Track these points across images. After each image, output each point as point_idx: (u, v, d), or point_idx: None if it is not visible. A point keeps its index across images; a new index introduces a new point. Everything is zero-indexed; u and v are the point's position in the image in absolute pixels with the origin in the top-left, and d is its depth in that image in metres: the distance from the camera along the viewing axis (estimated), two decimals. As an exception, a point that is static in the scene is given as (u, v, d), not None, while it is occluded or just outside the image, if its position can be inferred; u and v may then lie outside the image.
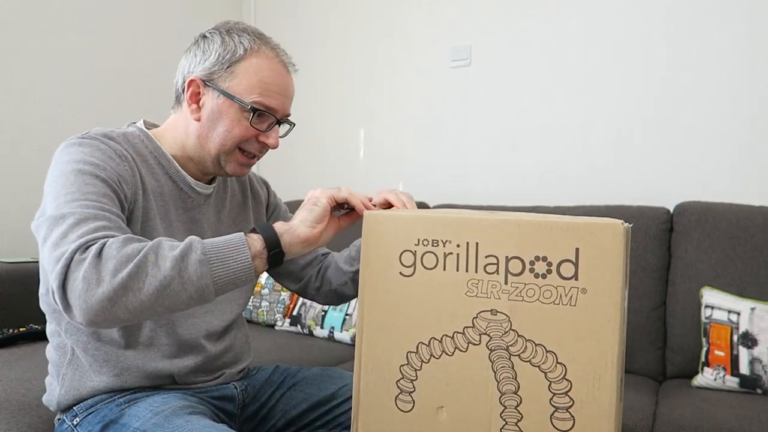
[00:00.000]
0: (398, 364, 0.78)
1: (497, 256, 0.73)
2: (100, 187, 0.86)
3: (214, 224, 1.09)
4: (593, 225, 0.70)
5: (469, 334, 0.74)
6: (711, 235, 1.70)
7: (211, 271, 0.78)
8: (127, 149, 0.96)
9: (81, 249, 0.76)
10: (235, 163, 1.02)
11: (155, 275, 0.75)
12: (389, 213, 0.81)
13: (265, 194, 1.23)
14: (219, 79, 0.98)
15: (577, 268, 0.70)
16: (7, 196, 2.08)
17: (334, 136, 2.69)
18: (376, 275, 0.79)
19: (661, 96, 1.99)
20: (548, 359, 0.71)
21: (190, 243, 0.79)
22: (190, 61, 1.01)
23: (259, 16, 2.90)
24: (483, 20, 2.32)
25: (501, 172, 2.29)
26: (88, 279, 0.74)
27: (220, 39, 0.99)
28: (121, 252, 0.75)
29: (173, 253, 0.77)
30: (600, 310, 0.69)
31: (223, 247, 0.80)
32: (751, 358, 1.45)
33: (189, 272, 0.77)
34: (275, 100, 0.99)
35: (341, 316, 1.97)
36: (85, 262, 0.74)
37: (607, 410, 0.69)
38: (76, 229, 0.79)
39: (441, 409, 0.75)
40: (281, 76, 1.00)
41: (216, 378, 1.06)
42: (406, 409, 0.77)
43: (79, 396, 0.96)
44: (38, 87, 2.18)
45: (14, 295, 1.75)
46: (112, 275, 0.74)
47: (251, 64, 0.98)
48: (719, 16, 1.90)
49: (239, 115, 0.98)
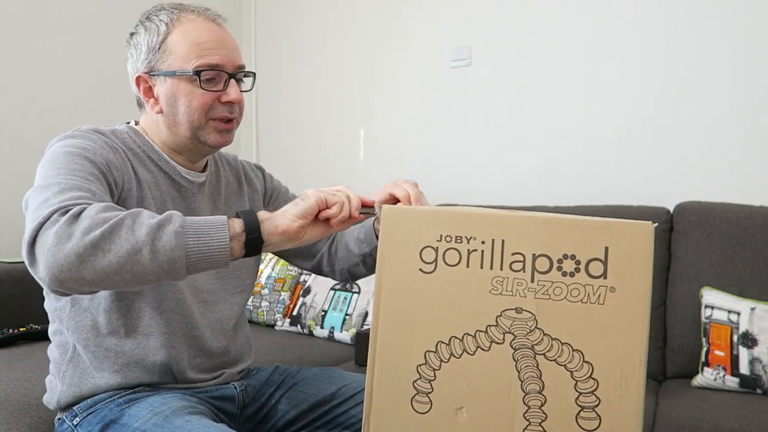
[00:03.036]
0: (416, 364, 0.76)
1: (524, 253, 0.72)
2: (87, 167, 0.88)
3: (211, 213, 1.09)
4: (624, 225, 0.70)
5: (493, 333, 0.73)
6: (711, 235, 1.70)
7: (186, 243, 0.76)
8: (117, 143, 0.98)
9: (60, 211, 0.76)
10: (213, 132, 1.01)
11: (128, 239, 0.74)
12: (409, 208, 0.79)
13: (260, 180, 1.22)
14: (158, 63, 0.99)
15: (606, 267, 0.70)
16: (7, 196, 2.08)
17: (334, 136, 2.69)
18: (394, 272, 0.77)
19: (661, 96, 1.99)
20: (574, 358, 0.71)
21: (170, 215, 0.78)
22: (131, 62, 1.03)
23: (259, 16, 2.90)
24: (483, 20, 2.32)
25: (501, 172, 2.29)
26: (59, 234, 0.73)
27: (143, 28, 1.01)
28: (99, 214, 0.75)
29: (151, 221, 0.76)
30: (628, 308, 0.69)
31: (203, 225, 0.79)
32: (751, 358, 1.45)
33: (163, 241, 0.75)
34: (216, 56, 0.98)
35: (341, 316, 1.97)
36: (60, 220, 0.74)
37: (635, 409, 0.69)
38: (58, 195, 0.79)
39: (460, 410, 0.74)
40: (211, 31, 1.00)
41: (216, 378, 1.06)
42: (423, 410, 0.75)
43: (80, 394, 0.97)
44: (38, 87, 2.17)
45: (14, 295, 1.75)
46: (84, 233, 0.73)
47: (178, 34, 0.98)
48: (719, 15, 1.90)
49: (190, 87, 0.98)
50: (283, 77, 2.81)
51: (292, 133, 2.80)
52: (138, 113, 1.08)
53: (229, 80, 1.00)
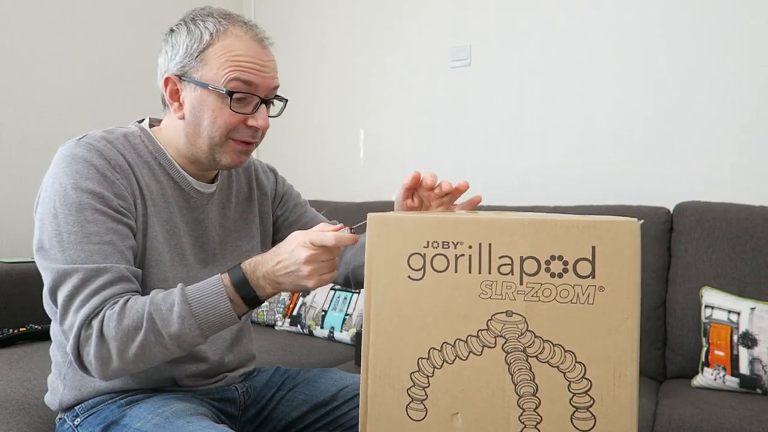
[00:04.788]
0: (409, 371, 0.75)
1: (511, 256, 0.72)
2: (101, 224, 0.87)
3: (219, 222, 1.08)
4: (610, 223, 0.70)
5: (484, 337, 0.73)
6: (711, 235, 1.70)
7: (203, 334, 0.87)
8: (125, 154, 0.95)
9: (85, 325, 0.84)
10: (230, 153, 0.98)
11: (158, 352, 0.86)
12: (395, 215, 0.78)
13: (271, 184, 1.20)
14: (192, 70, 0.94)
15: (594, 267, 0.70)
16: (6, 196, 2.08)
17: (334, 136, 2.69)
18: (383, 280, 0.76)
19: (661, 96, 1.99)
20: (567, 359, 0.71)
21: (181, 319, 0.85)
22: (164, 58, 0.98)
23: (259, 16, 2.89)
24: (483, 20, 2.32)
25: (501, 172, 2.29)
26: (99, 358, 0.84)
27: (185, 29, 0.96)
28: (119, 331, 0.83)
29: (170, 332, 0.85)
30: (618, 307, 0.69)
31: (211, 311, 0.87)
32: (751, 358, 1.45)
33: (188, 343, 0.87)
34: (252, 77, 0.95)
35: (341, 316, 1.97)
36: (91, 339, 0.84)
37: (629, 407, 0.69)
38: (79, 293, 0.85)
39: (456, 416, 0.74)
40: (254, 51, 0.96)
41: (217, 381, 1.06)
42: (418, 417, 0.75)
43: (81, 396, 0.97)
44: (38, 87, 2.18)
45: (14, 295, 1.75)
46: (118, 355, 0.84)
47: (220, 47, 0.94)
48: (719, 15, 1.90)
49: (219, 103, 0.94)
50: (283, 77, 2.79)
51: (292, 133, 2.80)
52: (156, 109, 1.05)
53: (260, 105, 0.98)
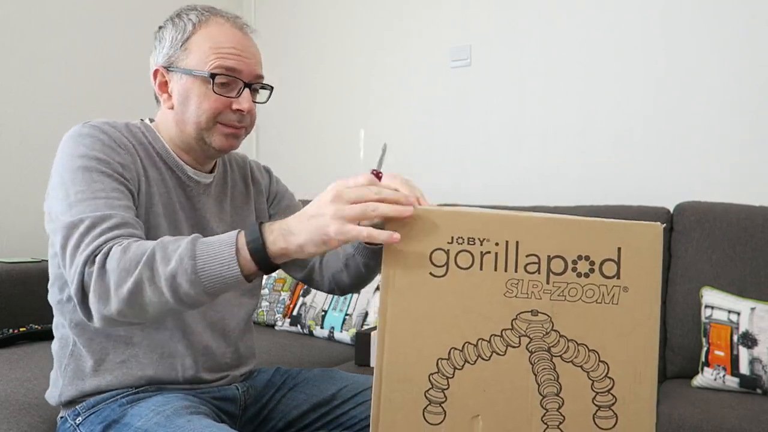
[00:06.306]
0: (428, 373, 0.72)
1: (539, 255, 0.72)
2: (107, 183, 0.89)
3: (217, 214, 1.08)
4: (635, 226, 0.72)
5: (508, 337, 0.72)
6: (711, 235, 1.70)
7: (204, 289, 0.79)
8: (128, 138, 0.98)
9: (89, 262, 0.81)
10: (218, 135, 1.00)
11: (153, 296, 0.79)
12: (419, 209, 0.75)
13: (266, 182, 1.22)
14: (177, 60, 0.99)
15: (619, 267, 0.71)
16: (6, 196, 2.08)
17: (334, 136, 2.69)
18: (403, 276, 0.73)
19: (661, 96, 2.00)
20: (590, 358, 0.71)
21: (180, 258, 0.78)
22: (153, 55, 1.03)
23: (259, 16, 2.89)
24: (483, 20, 2.32)
25: (501, 172, 2.29)
26: (98, 294, 0.80)
27: (171, 24, 1.01)
28: (121, 262, 0.79)
29: (166, 270, 0.78)
30: (641, 307, 0.71)
31: (214, 257, 0.79)
32: (751, 358, 1.46)
33: (183, 291, 0.79)
34: (234, 61, 0.98)
35: (341, 317, 1.97)
36: (93, 275, 0.80)
37: (649, 405, 0.70)
38: (85, 237, 0.83)
39: (476, 418, 0.72)
40: (236, 38, 1.00)
41: (219, 380, 1.06)
42: (436, 421, 0.72)
43: (82, 388, 0.96)
44: (38, 87, 2.17)
45: (14, 295, 1.75)
46: (115, 291, 0.79)
47: (203, 35, 0.98)
48: (719, 15, 1.91)
49: (204, 88, 0.97)
50: (284, 77, 2.81)
51: (292, 133, 2.80)
52: (155, 108, 1.08)
53: (243, 89, 1.00)
